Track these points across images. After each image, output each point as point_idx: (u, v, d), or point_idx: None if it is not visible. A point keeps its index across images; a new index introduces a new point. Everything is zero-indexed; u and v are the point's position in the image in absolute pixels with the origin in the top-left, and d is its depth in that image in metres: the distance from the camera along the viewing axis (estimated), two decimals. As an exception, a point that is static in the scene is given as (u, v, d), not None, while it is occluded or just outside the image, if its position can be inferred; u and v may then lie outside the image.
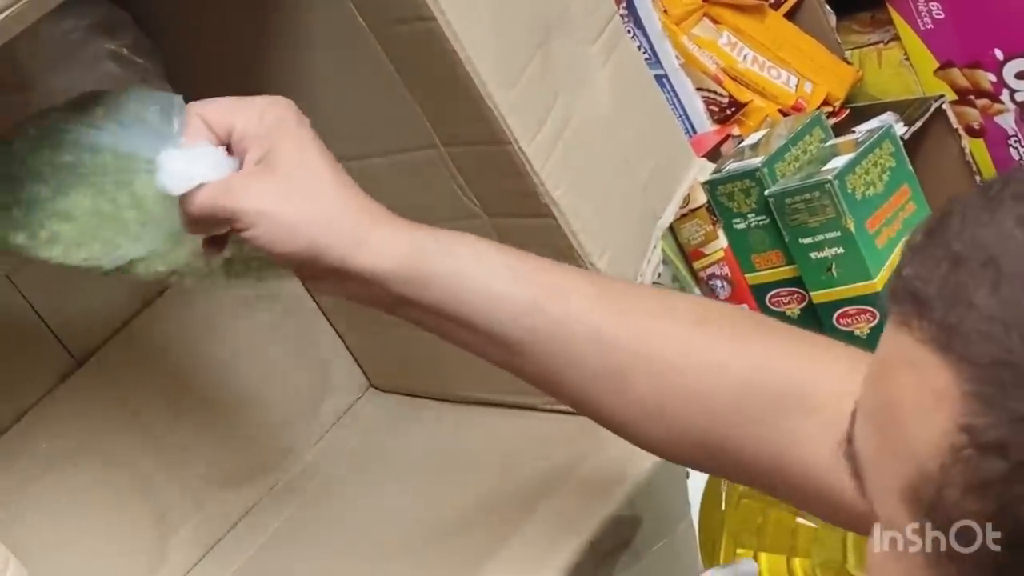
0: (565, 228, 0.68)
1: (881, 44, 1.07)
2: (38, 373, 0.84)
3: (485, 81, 0.64)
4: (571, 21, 0.71)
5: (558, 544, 0.68)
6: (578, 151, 0.69)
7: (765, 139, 0.93)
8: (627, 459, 0.72)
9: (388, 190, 0.76)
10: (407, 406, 0.94)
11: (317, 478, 0.92)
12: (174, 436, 0.88)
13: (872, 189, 0.84)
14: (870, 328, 0.85)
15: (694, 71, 1.00)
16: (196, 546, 0.87)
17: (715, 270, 0.94)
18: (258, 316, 0.92)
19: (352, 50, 0.68)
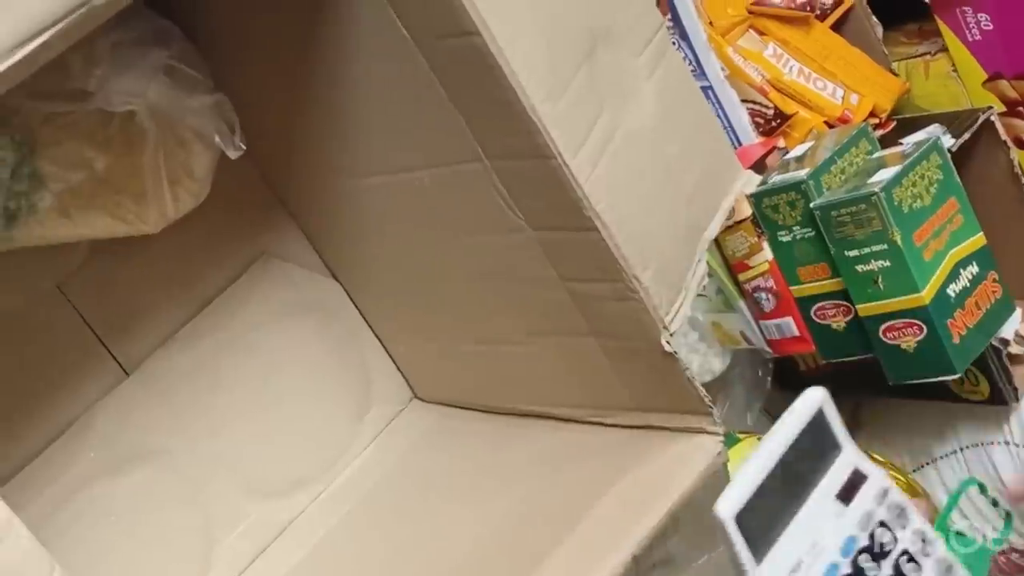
0: (609, 241, 0.68)
1: (928, 55, 1.07)
2: (86, 382, 0.85)
3: (529, 95, 0.64)
4: (617, 33, 0.70)
5: (601, 558, 0.68)
6: (623, 164, 0.69)
7: (811, 151, 0.93)
8: (671, 472, 0.71)
9: (432, 203, 0.77)
10: (450, 417, 0.94)
11: (361, 489, 0.92)
12: (220, 445, 0.88)
13: (919, 202, 0.84)
14: (917, 341, 0.84)
15: (739, 83, 1.00)
16: (241, 555, 0.88)
17: (760, 283, 0.93)
18: (302, 326, 0.93)
19: (397, 63, 0.69)
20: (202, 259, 0.89)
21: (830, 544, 0.61)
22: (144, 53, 0.72)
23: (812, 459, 0.63)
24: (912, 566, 0.62)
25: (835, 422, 0.64)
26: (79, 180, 0.74)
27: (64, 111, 0.72)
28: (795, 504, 0.61)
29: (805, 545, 0.60)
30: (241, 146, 0.76)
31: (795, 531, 0.60)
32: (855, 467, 0.63)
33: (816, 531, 0.61)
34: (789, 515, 0.61)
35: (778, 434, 0.62)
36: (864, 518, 0.62)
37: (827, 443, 0.64)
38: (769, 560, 0.59)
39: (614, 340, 0.75)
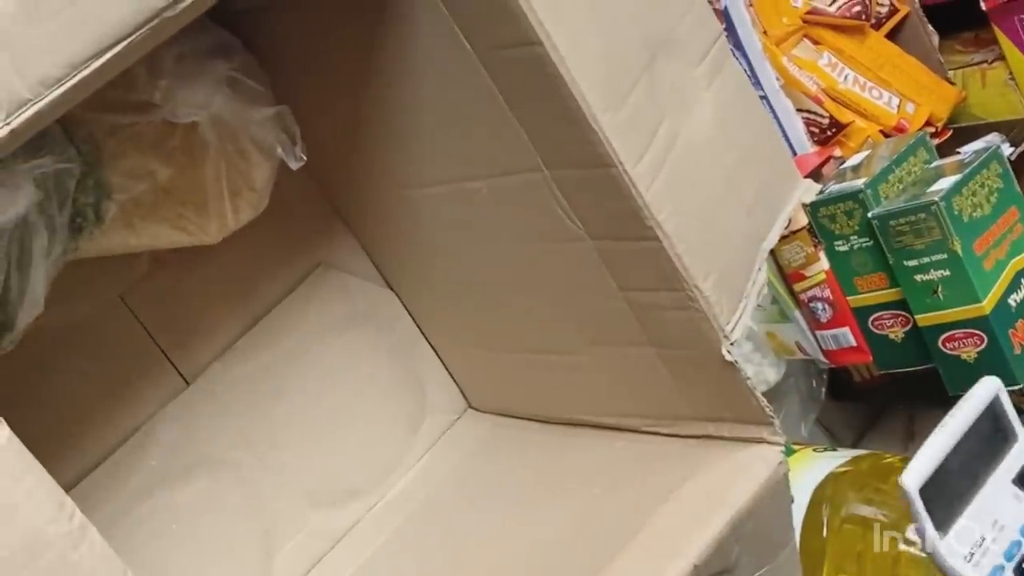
0: (670, 251, 0.68)
1: (985, 64, 1.06)
2: (148, 392, 0.86)
3: (591, 104, 0.64)
4: (677, 43, 0.70)
5: (661, 568, 0.68)
6: (683, 174, 0.69)
7: (867, 160, 0.92)
8: (730, 482, 0.71)
9: (490, 213, 0.77)
10: (505, 427, 0.94)
11: (416, 499, 0.92)
12: (278, 454, 0.89)
13: (979, 211, 0.83)
14: (977, 352, 0.84)
15: (795, 92, 1.00)
16: (299, 564, 0.88)
17: (816, 292, 0.93)
18: (358, 336, 0.93)
19: (457, 74, 0.69)
20: (261, 270, 0.90)
21: (1011, 524, 0.63)
22: (207, 65, 0.73)
23: (989, 444, 0.66)
24: None
25: (1010, 411, 0.66)
26: (142, 191, 0.75)
27: (129, 123, 0.73)
28: (975, 485, 0.64)
29: (987, 523, 0.63)
30: (302, 157, 0.76)
31: (976, 510, 0.63)
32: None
33: (997, 512, 0.63)
34: (970, 494, 0.64)
35: (957, 416, 0.64)
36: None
37: (1004, 430, 0.66)
38: (953, 535, 0.62)
39: (673, 350, 0.74)
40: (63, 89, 0.49)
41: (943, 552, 0.61)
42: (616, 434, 0.84)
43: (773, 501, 0.72)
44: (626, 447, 0.82)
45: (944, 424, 0.64)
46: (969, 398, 0.65)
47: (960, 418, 0.64)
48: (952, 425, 0.64)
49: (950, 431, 0.63)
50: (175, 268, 0.85)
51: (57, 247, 0.69)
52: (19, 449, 0.48)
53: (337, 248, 0.93)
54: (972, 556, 0.61)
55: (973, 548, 0.62)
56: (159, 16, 0.50)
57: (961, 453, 0.63)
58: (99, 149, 0.72)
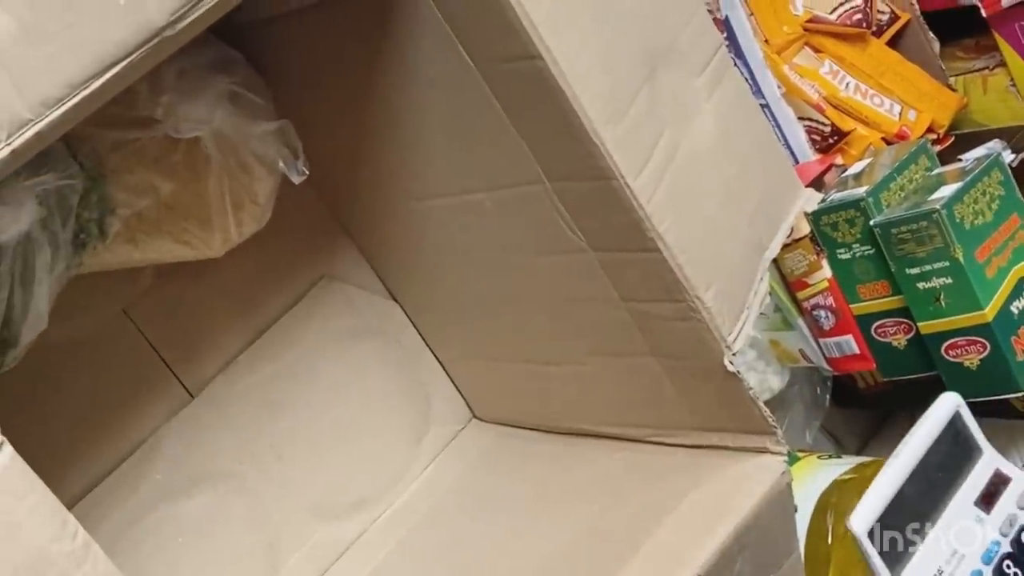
0: (671, 262, 0.68)
1: (987, 70, 1.06)
2: (153, 405, 0.86)
3: (592, 118, 0.64)
4: (677, 54, 0.71)
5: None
6: (684, 185, 0.69)
7: (869, 168, 0.92)
8: (734, 492, 0.71)
9: (493, 225, 0.77)
10: (510, 437, 0.94)
11: (421, 510, 0.92)
12: (282, 466, 0.89)
13: (981, 218, 0.83)
14: (980, 359, 0.84)
15: (796, 100, 1.00)
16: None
17: (819, 300, 0.93)
18: (362, 348, 0.93)
19: (458, 87, 0.69)
20: (264, 283, 0.90)
21: (972, 552, 0.60)
22: (209, 80, 0.73)
23: (951, 465, 0.62)
24: None
25: (973, 425, 0.63)
26: (145, 206, 0.75)
27: (132, 139, 0.73)
28: (934, 512, 0.60)
29: (945, 554, 0.60)
30: (304, 171, 0.76)
31: (934, 541, 0.60)
32: (996, 468, 0.63)
33: (957, 539, 0.60)
34: (928, 523, 0.60)
35: (913, 441, 0.61)
36: (1007, 522, 0.61)
37: (966, 447, 0.63)
38: (908, 573, 0.59)
39: (675, 360, 0.74)
40: (64, 109, 0.49)
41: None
42: (619, 444, 0.84)
43: (777, 510, 0.72)
44: (629, 457, 0.82)
45: (897, 453, 0.61)
46: (926, 419, 0.63)
47: (915, 444, 0.61)
48: (906, 454, 0.61)
49: (904, 459, 0.60)
50: (179, 282, 0.85)
51: (60, 263, 0.70)
52: (22, 468, 0.48)
53: (341, 261, 0.93)
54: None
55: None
56: (159, 36, 0.51)
57: (919, 479, 0.60)
58: (102, 165, 0.72)
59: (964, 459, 0.62)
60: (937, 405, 0.63)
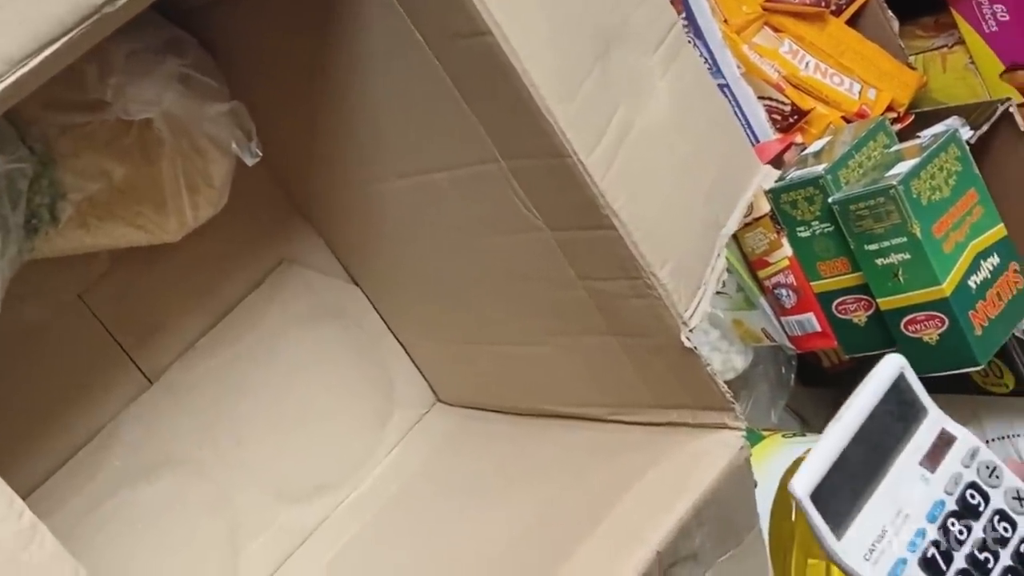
0: (626, 239, 0.68)
1: (945, 48, 1.07)
2: (110, 392, 0.85)
3: (544, 95, 0.64)
4: (631, 31, 0.70)
5: (625, 555, 0.68)
6: (639, 162, 0.69)
7: (828, 146, 0.93)
8: (693, 468, 0.71)
9: (450, 206, 0.77)
10: (474, 420, 0.94)
11: (386, 493, 0.92)
12: (243, 452, 0.89)
13: (938, 194, 0.83)
14: (939, 334, 0.84)
15: (756, 80, 1.00)
16: (267, 561, 0.88)
17: (780, 279, 0.93)
18: (323, 332, 0.93)
19: (410, 66, 0.69)
20: (222, 267, 0.89)
21: (916, 511, 0.60)
22: (159, 62, 0.72)
23: (895, 425, 0.61)
24: (1006, 526, 0.61)
25: (917, 386, 0.63)
26: (97, 190, 0.75)
27: (81, 122, 0.72)
28: (878, 473, 0.60)
29: (890, 514, 0.59)
30: (258, 153, 0.76)
31: (879, 501, 0.59)
32: (942, 428, 0.62)
33: (902, 499, 0.60)
34: (872, 485, 0.60)
35: (856, 403, 0.61)
36: (952, 481, 0.61)
37: (911, 407, 0.62)
38: (851, 533, 0.58)
39: (634, 338, 0.74)
40: (2, 87, 0.49)
41: (839, 554, 0.58)
42: (581, 424, 0.84)
43: (736, 486, 0.72)
44: (591, 437, 0.82)
45: (840, 415, 0.61)
46: (869, 381, 0.62)
47: (858, 406, 0.61)
48: (849, 415, 0.60)
49: (847, 420, 0.60)
50: (135, 267, 0.85)
51: (12, 248, 0.69)
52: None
53: (300, 244, 0.92)
54: (872, 553, 0.58)
55: (874, 544, 0.59)
56: (99, 12, 0.50)
57: (863, 441, 0.60)
58: (52, 149, 0.72)
59: (909, 420, 0.62)
60: (881, 367, 0.62)
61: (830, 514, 0.58)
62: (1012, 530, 0.60)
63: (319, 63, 0.75)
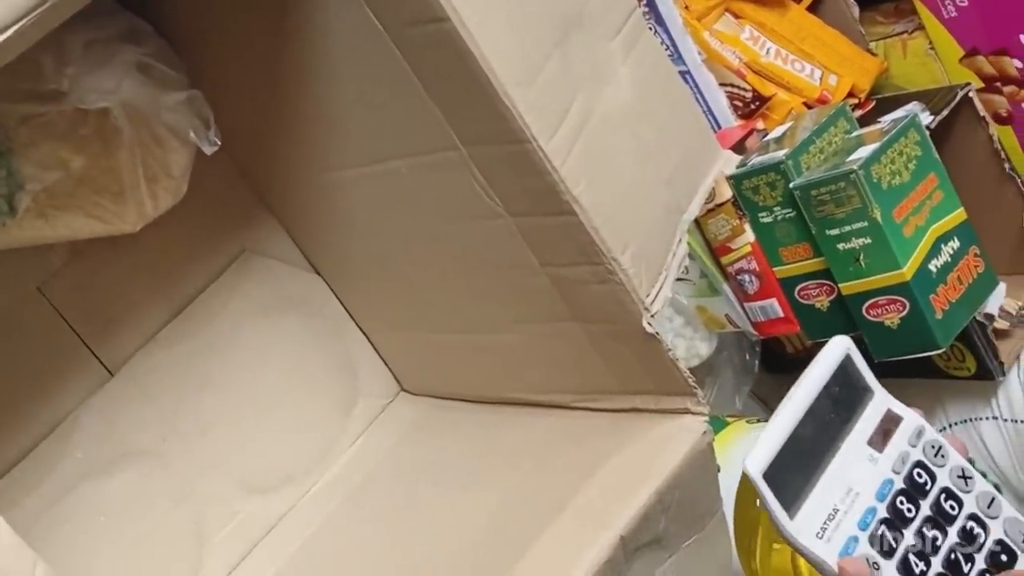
0: (587, 225, 0.68)
1: (905, 34, 1.07)
2: (71, 383, 0.85)
3: (502, 81, 0.64)
4: (590, 17, 0.70)
5: (589, 540, 0.68)
6: (599, 147, 0.69)
7: (790, 132, 0.93)
8: (656, 453, 0.72)
9: (411, 193, 0.77)
10: (438, 408, 0.94)
11: (351, 483, 0.92)
12: (207, 442, 0.88)
13: (898, 178, 0.84)
14: (900, 318, 0.84)
15: (717, 66, 1.00)
16: (232, 552, 0.88)
17: (743, 265, 0.94)
18: (285, 322, 0.93)
19: (369, 53, 0.69)
20: (183, 257, 0.89)
21: (866, 490, 0.60)
22: (116, 51, 0.72)
23: (843, 407, 0.62)
24: (952, 504, 0.61)
25: (863, 368, 0.64)
26: (56, 181, 0.74)
27: (39, 112, 0.72)
28: (828, 453, 0.60)
29: (840, 494, 0.60)
30: (216, 141, 0.76)
31: (829, 481, 0.60)
32: (888, 409, 0.63)
33: (851, 479, 0.60)
34: (822, 465, 0.60)
35: (804, 384, 0.61)
36: (899, 460, 0.61)
37: (857, 389, 0.63)
38: (803, 512, 0.59)
39: (597, 324, 0.75)
40: (-46, 74, 0.48)
41: (792, 532, 0.59)
42: (546, 411, 0.84)
43: (698, 471, 0.72)
44: (556, 424, 0.83)
45: (790, 396, 0.61)
46: (816, 363, 0.63)
47: (807, 387, 0.61)
48: (798, 397, 0.61)
49: (796, 402, 0.61)
50: (94, 258, 0.84)
51: (-32, 239, 0.68)
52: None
53: (261, 234, 0.92)
54: (824, 532, 0.59)
55: (826, 522, 0.59)
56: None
57: (812, 422, 0.60)
58: (9, 139, 0.71)
59: (856, 400, 0.62)
60: (827, 349, 0.63)
61: (782, 493, 0.59)
62: (958, 508, 0.61)
63: (279, 51, 0.75)
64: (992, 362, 0.99)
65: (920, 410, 0.64)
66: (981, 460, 1.03)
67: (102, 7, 0.58)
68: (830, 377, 0.62)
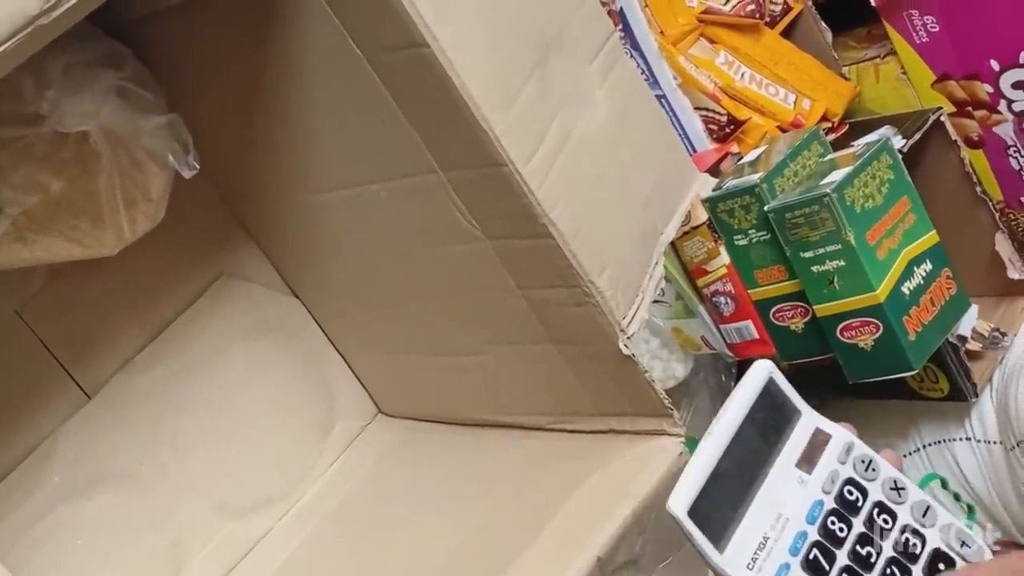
0: (564, 247, 0.68)
1: (878, 59, 1.08)
2: (48, 407, 0.85)
3: (480, 104, 0.65)
4: (568, 41, 0.71)
5: (566, 562, 0.69)
6: (576, 170, 0.70)
7: (764, 155, 0.93)
8: (633, 474, 0.72)
9: (389, 217, 0.77)
10: (416, 431, 0.95)
11: (328, 505, 0.92)
12: (185, 466, 0.88)
13: (871, 201, 0.84)
14: (873, 340, 0.85)
15: (692, 91, 1.00)
16: (210, 575, 0.88)
17: (719, 287, 0.94)
18: (263, 345, 0.93)
19: (348, 78, 0.69)
20: (162, 281, 0.89)
21: (796, 514, 0.59)
22: (96, 75, 0.72)
23: (770, 431, 0.61)
24: (885, 518, 0.60)
25: (788, 389, 0.63)
26: (34, 204, 0.74)
27: (18, 135, 0.72)
28: (756, 481, 0.59)
29: (769, 521, 0.59)
30: (195, 165, 0.76)
31: (758, 509, 0.58)
32: (816, 428, 0.62)
33: (781, 504, 0.59)
34: (751, 493, 0.59)
35: (727, 413, 0.60)
36: (828, 480, 0.60)
37: (784, 411, 0.62)
38: (733, 544, 0.58)
39: (573, 346, 0.75)
40: (-65, 98, 0.48)
41: (723, 567, 0.58)
42: (523, 433, 0.84)
43: (675, 492, 0.72)
44: (533, 446, 0.83)
45: (712, 427, 0.60)
46: (739, 389, 0.62)
47: (729, 416, 0.60)
48: (721, 426, 0.60)
49: (719, 435, 0.59)
50: (73, 281, 0.84)
51: (-52, 263, 0.68)
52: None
53: (239, 257, 0.92)
54: (754, 562, 0.58)
55: (756, 552, 0.58)
56: (33, 24, 0.50)
57: (739, 450, 0.59)
58: (-12, 163, 0.71)
59: (784, 423, 0.61)
60: (749, 374, 0.62)
61: (710, 529, 0.57)
62: (892, 521, 0.60)
63: (257, 76, 0.75)
64: (965, 383, 0.99)
65: (850, 425, 0.64)
66: (955, 481, 1.04)
67: (83, 32, 0.58)
68: (754, 402, 0.61)
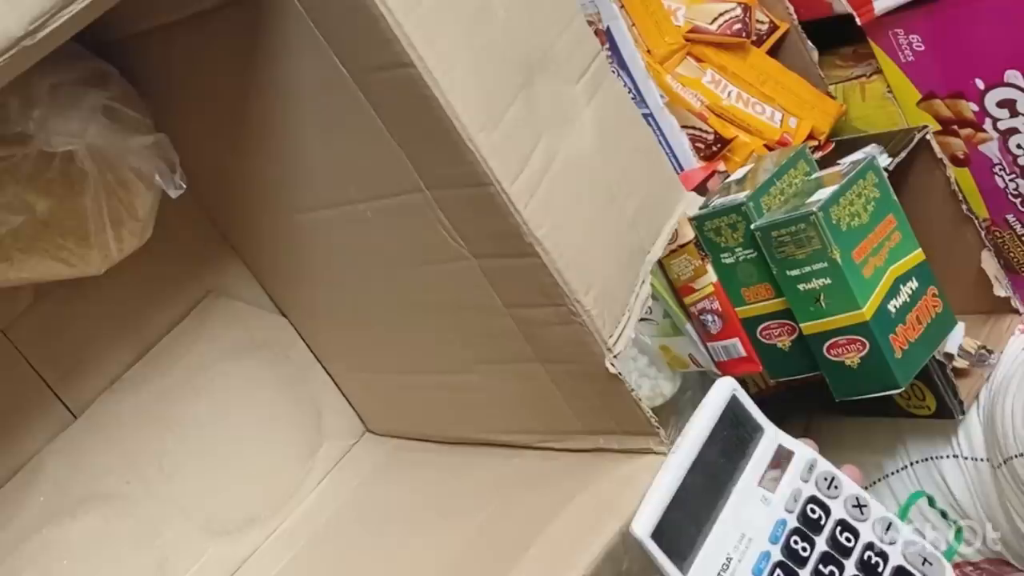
0: (550, 266, 0.69)
1: (864, 77, 1.08)
2: (35, 426, 0.84)
3: (465, 124, 0.65)
4: (554, 61, 0.71)
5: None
6: (562, 189, 0.70)
7: (751, 174, 0.94)
8: (620, 493, 0.72)
9: (376, 235, 0.77)
10: (403, 450, 0.94)
11: (316, 524, 0.92)
12: (172, 485, 0.88)
13: (857, 220, 0.85)
14: (860, 357, 0.85)
15: (679, 109, 1.01)
16: (196, 595, 0.88)
17: (706, 305, 0.94)
18: (251, 363, 0.93)
19: (334, 98, 0.69)
20: (149, 299, 0.89)
21: (759, 534, 0.59)
22: (83, 94, 0.72)
23: (734, 449, 0.60)
24: (848, 536, 0.60)
25: (751, 406, 0.62)
26: (21, 223, 0.74)
27: (4, 155, 0.72)
28: (720, 500, 0.59)
29: (733, 541, 0.58)
30: (182, 185, 0.76)
31: (722, 529, 0.58)
32: (779, 446, 0.61)
33: (744, 523, 0.58)
34: (714, 513, 0.58)
35: (690, 434, 0.60)
36: (791, 498, 0.60)
37: (747, 429, 0.61)
38: (697, 566, 0.57)
39: (560, 364, 0.75)
40: (-82, 119, 0.48)
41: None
42: (510, 451, 0.84)
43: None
44: (520, 464, 0.83)
45: (675, 448, 0.59)
46: (701, 409, 0.61)
47: (692, 436, 0.59)
48: (684, 447, 0.59)
49: (681, 455, 0.58)
50: (59, 300, 0.84)
51: (-67, 282, 0.68)
52: None
53: (227, 275, 0.92)
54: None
55: (720, 574, 0.58)
56: (17, 45, 0.50)
57: (702, 470, 0.58)
58: (-26, 182, 0.71)
59: (747, 441, 0.60)
60: (712, 393, 0.62)
61: (674, 550, 0.57)
62: (855, 539, 0.59)
63: (244, 95, 0.76)
64: (952, 401, 1.00)
65: (811, 441, 0.63)
66: (942, 498, 1.04)
67: (69, 51, 0.58)
68: (717, 422, 0.60)
